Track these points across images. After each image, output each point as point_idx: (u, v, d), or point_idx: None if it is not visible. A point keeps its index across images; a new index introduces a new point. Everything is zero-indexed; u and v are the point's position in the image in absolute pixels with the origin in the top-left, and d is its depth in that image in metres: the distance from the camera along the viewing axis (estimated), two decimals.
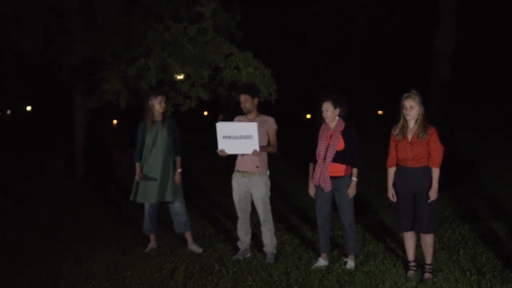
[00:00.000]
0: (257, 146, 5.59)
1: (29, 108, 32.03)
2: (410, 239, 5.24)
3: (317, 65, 23.72)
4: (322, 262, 5.61)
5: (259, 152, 5.63)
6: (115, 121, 31.00)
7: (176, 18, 8.53)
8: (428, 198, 5.00)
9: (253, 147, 5.60)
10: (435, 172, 5.00)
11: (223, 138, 5.68)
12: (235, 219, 6.19)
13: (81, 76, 10.61)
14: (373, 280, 5.07)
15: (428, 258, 5.15)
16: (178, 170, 6.29)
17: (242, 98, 5.84)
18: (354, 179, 5.47)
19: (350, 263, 5.52)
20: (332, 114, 5.47)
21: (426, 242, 5.12)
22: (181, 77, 8.05)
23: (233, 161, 5.98)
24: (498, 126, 16.83)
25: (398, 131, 5.11)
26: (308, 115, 29.56)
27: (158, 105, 6.16)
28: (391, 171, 5.20)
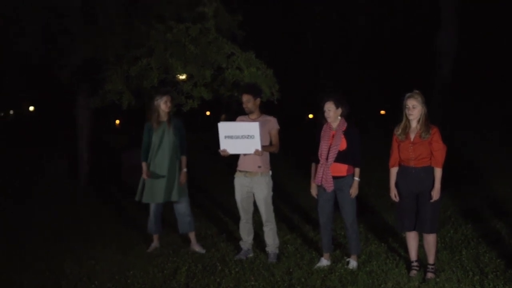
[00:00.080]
0: (259, 146, 5.60)
1: (31, 108, 31.93)
2: (413, 239, 5.23)
3: (317, 65, 23.71)
4: (324, 262, 5.61)
5: (261, 152, 5.63)
6: (118, 121, 30.95)
7: (178, 18, 8.52)
8: (430, 198, 4.99)
9: (255, 147, 5.61)
10: (438, 172, 5.00)
11: (225, 138, 5.69)
12: (238, 219, 6.20)
13: (81, 77, 10.60)
14: (375, 280, 5.07)
15: (430, 258, 5.15)
16: (184, 169, 6.29)
17: (244, 98, 5.84)
18: (356, 179, 5.46)
19: (352, 263, 5.52)
20: (334, 114, 5.47)
21: (429, 242, 5.12)
22: (183, 77, 8.05)
23: (235, 161, 5.98)
24: (498, 126, 16.80)
25: (400, 131, 5.11)
26: (310, 115, 29.49)
27: (164, 105, 6.16)
28: (394, 171, 5.21)
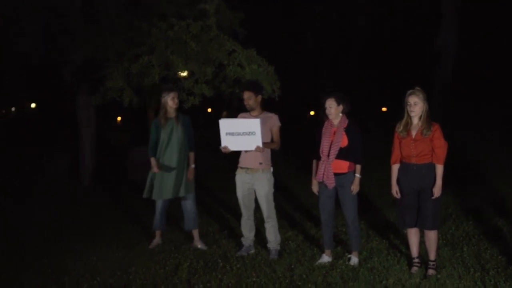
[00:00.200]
0: (260, 143, 5.60)
1: (33, 105, 31.81)
2: (414, 236, 5.23)
3: (317, 65, 23.72)
4: (325, 258, 5.62)
5: (262, 148, 5.64)
6: (119, 118, 30.90)
7: (179, 15, 8.53)
8: (432, 195, 5.00)
9: (256, 144, 5.61)
10: (439, 168, 5.00)
11: (226, 135, 5.70)
12: (239, 216, 6.20)
13: (81, 77, 10.61)
14: (377, 276, 5.07)
15: (431, 255, 5.15)
16: (192, 166, 6.30)
17: (246, 95, 5.85)
18: (358, 176, 5.47)
19: (353, 260, 5.52)
20: (335, 111, 5.48)
21: (430, 238, 5.12)
22: (184, 74, 8.06)
23: (236, 157, 5.98)
24: (498, 126, 16.79)
25: (402, 128, 5.11)
26: (312, 112, 29.42)
27: (171, 101, 6.16)
28: (395, 168, 5.21)
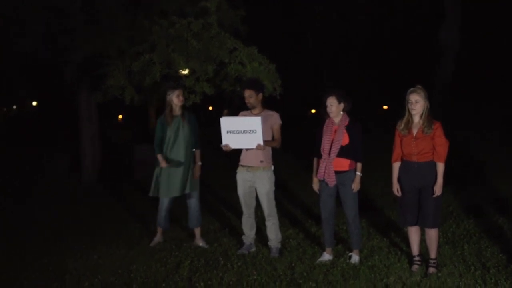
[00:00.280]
0: (261, 141, 5.60)
1: (34, 103, 31.75)
2: (415, 234, 5.24)
3: (317, 65, 23.73)
4: (326, 256, 5.62)
5: (263, 146, 5.64)
6: (120, 116, 30.90)
7: (180, 13, 8.52)
8: (433, 193, 5.00)
9: (257, 142, 5.61)
10: (440, 166, 5.00)
11: (227, 133, 5.70)
12: (240, 214, 6.21)
13: (82, 75, 10.60)
14: (377, 274, 5.07)
15: (432, 253, 5.15)
16: (198, 163, 6.30)
17: (247, 93, 5.85)
18: (358, 174, 5.48)
19: (354, 258, 5.53)
20: (336, 109, 5.48)
21: (431, 236, 5.12)
22: (185, 72, 8.05)
23: (237, 156, 5.98)
24: (498, 126, 16.79)
25: (403, 126, 5.11)
26: (313, 110, 29.40)
27: (176, 98, 6.16)
28: (396, 166, 5.21)
